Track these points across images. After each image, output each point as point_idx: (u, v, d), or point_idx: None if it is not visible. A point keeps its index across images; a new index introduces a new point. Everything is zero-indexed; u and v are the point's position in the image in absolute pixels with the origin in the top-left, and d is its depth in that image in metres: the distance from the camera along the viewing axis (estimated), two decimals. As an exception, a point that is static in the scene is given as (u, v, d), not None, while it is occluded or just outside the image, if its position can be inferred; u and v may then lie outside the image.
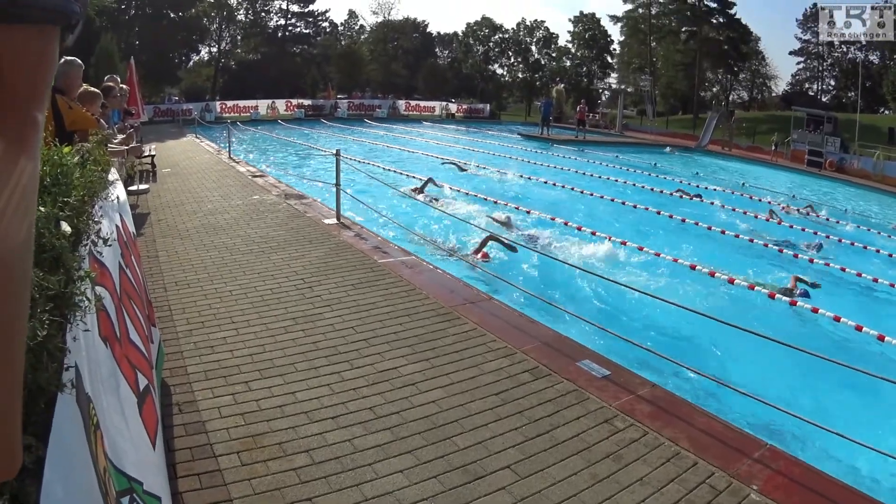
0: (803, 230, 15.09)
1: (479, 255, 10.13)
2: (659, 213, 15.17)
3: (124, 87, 12.71)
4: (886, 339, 7.94)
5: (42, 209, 1.69)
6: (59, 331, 1.42)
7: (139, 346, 2.94)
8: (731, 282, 9.83)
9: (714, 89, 67.26)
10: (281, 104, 45.06)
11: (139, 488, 1.98)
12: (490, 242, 10.29)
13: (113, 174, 3.92)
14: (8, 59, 0.75)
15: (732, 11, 59.93)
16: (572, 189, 17.91)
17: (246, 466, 3.70)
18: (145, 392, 2.63)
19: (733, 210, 16.68)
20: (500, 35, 68.49)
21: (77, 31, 0.85)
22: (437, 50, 72.00)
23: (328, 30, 66.14)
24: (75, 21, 0.83)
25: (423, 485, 3.64)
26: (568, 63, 68.67)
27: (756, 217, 16.04)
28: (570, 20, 71.37)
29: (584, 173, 21.71)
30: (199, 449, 3.84)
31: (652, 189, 19.11)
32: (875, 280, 11.12)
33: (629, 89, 63.14)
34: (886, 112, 55.16)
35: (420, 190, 17.11)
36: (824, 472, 4.13)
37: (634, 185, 19.80)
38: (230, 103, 43.41)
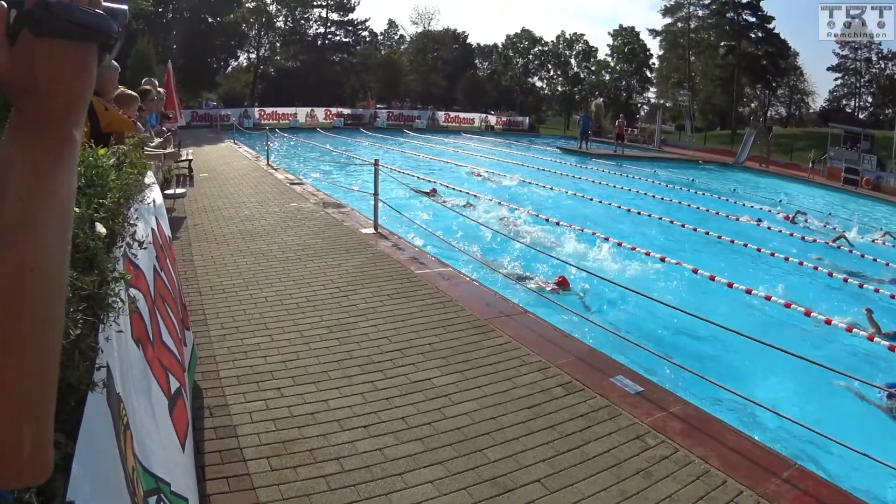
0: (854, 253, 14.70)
1: (556, 284, 9.51)
2: (696, 228, 14.91)
3: (162, 90, 12.85)
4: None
5: (77, 210, 1.70)
6: (91, 331, 1.43)
7: (172, 348, 2.96)
8: (767, 299, 9.65)
9: (752, 105, 66.31)
10: (320, 112, 45.46)
11: (167, 489, 1.99)
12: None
13: (149, 177, 3.96)
14: (45, 75, 0.75)
15: (771, 26, 59.24)
16: (610, 204, 17.65)
17: (275, 472, 3.71)
18: (176, 394, 2.65)
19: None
20: (540, 48, 68.38)
21: (115, 51, 0.86)
22: (476, 61, 71.84)
23: (368, 39, 66.55)
24: (113, 42, 0.83)
25: (453, 496, 3.62)
26: (607, 77, 68.26)
27: (802, 238, 15.67)
28: (609, 34, 71.10)
29: (622, 188, 21.49)
30: (228, 452, 3.86)
31: (688, 205, 18.78)
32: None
33: (668, 104, 62.59)
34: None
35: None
36: (852, 494, 4.08)
37: (671, 200, 19.47)
38: (269, 110, 44.03)
